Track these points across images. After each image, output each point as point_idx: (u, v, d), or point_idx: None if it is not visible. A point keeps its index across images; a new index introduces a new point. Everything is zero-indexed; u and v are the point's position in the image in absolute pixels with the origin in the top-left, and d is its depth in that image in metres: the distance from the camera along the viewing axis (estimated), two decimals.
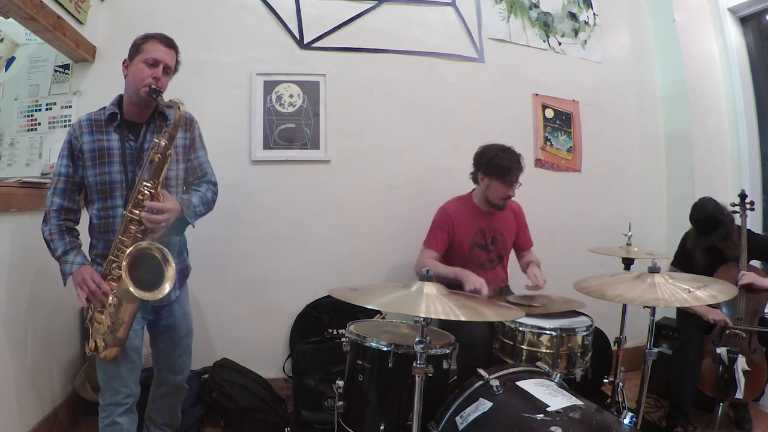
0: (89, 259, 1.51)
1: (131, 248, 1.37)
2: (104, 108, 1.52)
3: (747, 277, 2.07)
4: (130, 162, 1.48)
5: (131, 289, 1.34)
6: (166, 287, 1.40)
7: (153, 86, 1.44)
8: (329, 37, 2.51)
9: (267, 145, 2.43)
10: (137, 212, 1.39)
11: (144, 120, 1.54)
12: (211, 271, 2.32)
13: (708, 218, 2.15)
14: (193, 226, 1.59)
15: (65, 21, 2.02)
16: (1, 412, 1.60)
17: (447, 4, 2.68)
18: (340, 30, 2.52)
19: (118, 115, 1.50)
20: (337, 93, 2.49)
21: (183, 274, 1.68)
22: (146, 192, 1.39)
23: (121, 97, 1.54)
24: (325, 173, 2.49)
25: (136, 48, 1.50)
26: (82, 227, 1.56)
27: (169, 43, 1.53)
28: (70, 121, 2.30)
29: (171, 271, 1.41)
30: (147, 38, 1.51)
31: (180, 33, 2.31)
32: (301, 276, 2.45)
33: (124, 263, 1.35)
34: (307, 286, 2.43)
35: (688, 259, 2.31)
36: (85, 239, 1.56)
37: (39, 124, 2.32)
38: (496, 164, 2.04)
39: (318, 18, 2.50)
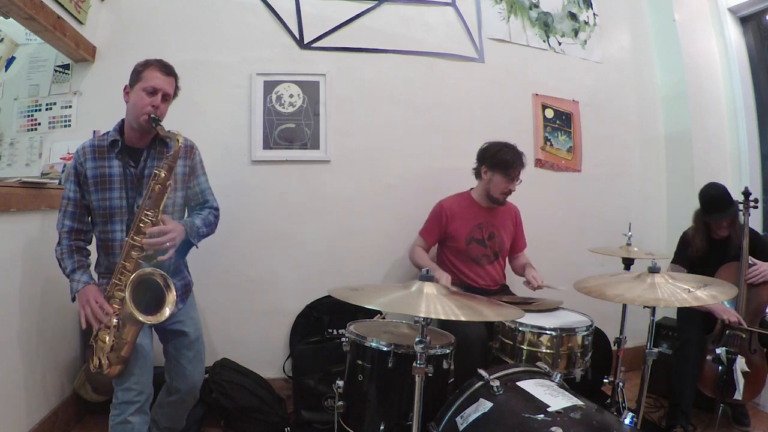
0: (95, 277, 1.57)
1: (134, 275, 1.42)
2: (107, 133, 1.57)
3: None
4: (130, 188, 1.54)
5: (134, 312, 1.38)
6: (167, 311, 1.45)
7: (152, 115, 1.49)
8: (329, 37, 2.51)
9: (267, 145, 2.43)
10: (138, 239, 1.44)
11: (144, 145, 1.59)
12: (212, 271, 2.32)
13: (721, 195, 2.16)
14: (197, 247, 1.64)
15: (65, 21, 2.02)
16: (2, 412, 1.60)
17: (447, 4, 2.68)
18: (340, 30, 2.52)
19: (119, 142, 1.55)
20: (337, 93, 2.49)
21: (185, 289, 1.72)
22: (147, 220, 1.45)
23: (123, 121, 1.59)
24: (325, 173, 2.48)
25: (137, 75, 1.54)
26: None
27: (168, 71, 1.57)
28: (70, 121, 2.30)
29: (171, 296, 1.46)
30: (147, 65, 1.54)
31: (180, 33, 2.37)
32: (301, 276, 2.45)
33: (127, 290, 1.39)
34: (307, 286, 2.43)
35: (687, 250, 2.31)
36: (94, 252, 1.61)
37: (39, 124, 2.32)
38: (500, 158, 2.13)
39: (318, 18, 2.50)
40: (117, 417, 1.44)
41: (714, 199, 2.18)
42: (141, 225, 1.44)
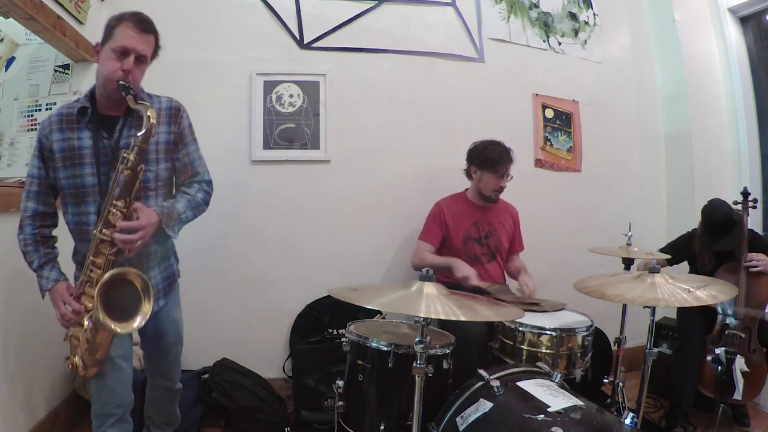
0: (73, 267, 1.43)
1: (107, 275, 1.24)
2: (78, 100, 1.36)
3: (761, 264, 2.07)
4: (103, 163, 1.31)
5: (104, 319, 1.23)
6: (138, 320, 1.28)
7: (122, 81, 1.26)
8: (329, 37, 2.51)
9: (267, 145, 2.43)
10: (108, 233, 1.24)
11: (121, 113, 1.35)
12: (211, 271, 2.32)
13: (725, 220, 2.12)
14: (175, 238, 1.43)
15: (65, 21, 2.01)
16: (2, 412, 1.60)
17: (447, 4, 2.68)
18: (340, 30, 2.52)
19: (89, 110, 1.33)
20: (337, 93, 2.49)
21: (169, 281, 1.55)
22: (116, 212, 1.24)
23: (95, 86, 1.36)
24: (325, 173, 2.48)
25: (109, 31, 1.30)
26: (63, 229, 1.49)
27: (144, 26, 1.31)
28: None
29: (147, 306, 1.28)
30: (120, 20, 1.30)
31: (180, 33, 2.36)
32: (301, 276, 2.45)
33: (97, 294, 1.22)
34: (307, 286, 2.43)
35: (690, 259, 2.31)
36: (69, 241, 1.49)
37: (39, 124, 2.31)
38: (487, 156, 2.17)
39: (318, 18, 2.50)
40: (98, 429, 1.38)
41: (718, 224, 2.14)
42: (110, 217, 1.24)
